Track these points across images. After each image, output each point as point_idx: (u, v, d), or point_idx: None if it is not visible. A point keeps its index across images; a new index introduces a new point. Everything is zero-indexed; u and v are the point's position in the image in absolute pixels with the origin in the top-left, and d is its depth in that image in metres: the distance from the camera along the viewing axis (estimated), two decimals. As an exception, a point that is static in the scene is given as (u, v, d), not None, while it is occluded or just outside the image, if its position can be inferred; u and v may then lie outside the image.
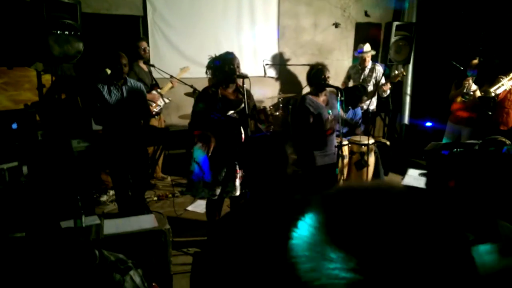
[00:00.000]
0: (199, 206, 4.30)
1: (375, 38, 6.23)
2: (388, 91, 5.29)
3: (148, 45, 4.72)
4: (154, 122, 4.71)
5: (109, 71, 4.33)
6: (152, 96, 4.55)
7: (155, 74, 4.83)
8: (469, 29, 5.78)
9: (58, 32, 3.99)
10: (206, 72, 3.16)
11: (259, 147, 1.59)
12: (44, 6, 3.88)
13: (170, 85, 4.74)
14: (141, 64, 4.57)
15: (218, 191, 3.18)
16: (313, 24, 6.15)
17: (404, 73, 5.05)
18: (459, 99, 4.74)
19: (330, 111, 3.60)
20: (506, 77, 4.15)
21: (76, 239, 1.81)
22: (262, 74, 5.70)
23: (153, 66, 4.69)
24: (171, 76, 4.69)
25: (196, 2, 5.30)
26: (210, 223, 3.46)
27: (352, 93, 4.18)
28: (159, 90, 4.66)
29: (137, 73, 4.45)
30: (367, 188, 0.55)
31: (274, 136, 1.73)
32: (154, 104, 4.56)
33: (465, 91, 4.57)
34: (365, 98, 4.67)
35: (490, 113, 4.34)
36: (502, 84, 4.11)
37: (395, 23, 5.75)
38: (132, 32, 5.09)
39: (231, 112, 3.10)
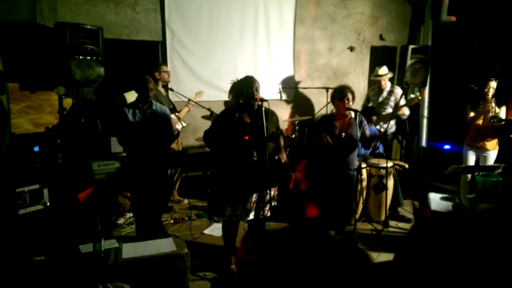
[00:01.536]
0: (215, 230, 4.26)
1: (391, 61, 6.25)
2: (408, 113, 5.23)
3: (156, 68, 4.77)
4: (172, 145, 4.74)
5: (126, 96, 4.42)
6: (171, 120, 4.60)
7: (173, 98, 4.90)
8: (485, 51, 5.76)
9: (80, 57, 4.10)
10: (229, 96, 3.20)
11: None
12: (68, 32, 4.01)
13: (187, 109, 4.80)
14: (160, 88, 4.64)
15: (229, 211, 3.16)
16: (328, 47, 6.21)
17: (420, 98, 4.98)
18: (479, 121, 4.64)
19: (343, 134, 3.57)
20: None
21: (77, 272, 1.78)
22: (278, 97, 5.75)
23: (171, 89, 4.77)
24: (189, 100, 4.75)
25: (214, 28, 5.41)
26: (226, 246, 3.42)
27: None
28: (177, 114, 4.71)
29: (157, 97, 4.51)
30: None
31: None
32: (173, 128, 4.62)
33: (491, 114, 4.48)
34: (374, 118, 4.62)
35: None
36: None
37: (411, 46, 5.77)
38: (151, 57, 5.20)
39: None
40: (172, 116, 4.68)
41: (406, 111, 5.20)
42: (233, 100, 3.20)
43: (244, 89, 3.08)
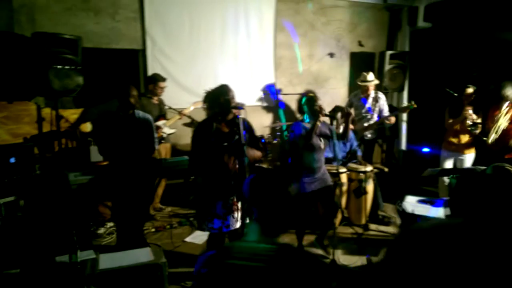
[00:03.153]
0: (197, 237, 4.26)
1: (370, 67, 6.35)
2: (393, 121, 5.27)
3: (153, 81, 4.80)
4: (162, 149, 4.80)
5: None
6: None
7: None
8: (462, 56, 5.90)
9: (58, 66, 4.09)
10: (203, 105, 3.21)
11: (263, 183, 1.63)
12: (45, 41, 4.00)
13: (177, 117, 4.89)
14: (152, 99, 4.75)
15: (217, 223, 3.11)
16: (308, 54, 6.29)
17: (415, 105, 4.80)
18: (456, 126, 4.71)
19: (321, 139, 3.62)
20: (500, 114, 4.22)
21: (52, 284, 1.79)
22: (259, 104, 5.81)
23: (150, 98, 4.77)
24: (179, 112, 4.85)
25: (195, 36, 5.44)
26: None
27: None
28: (164, 121, 4.78)
29: (145, 106, 4.50)
30: None
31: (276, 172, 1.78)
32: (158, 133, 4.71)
33: (470, 122, 4.53)
34: (339, 114, 4.60)
35: (484, 138, 4.36)
36: (496, 130, 4.19)
37: (389, 52, 5.90)
38: (132, 65, 5.20)
39: (226, 144, 3.11)
40: (159, 122, 4.71)
41: (393, 120, 5.21)
42: (208, 110, 3.21)
43: (221, 97, 3.09)
